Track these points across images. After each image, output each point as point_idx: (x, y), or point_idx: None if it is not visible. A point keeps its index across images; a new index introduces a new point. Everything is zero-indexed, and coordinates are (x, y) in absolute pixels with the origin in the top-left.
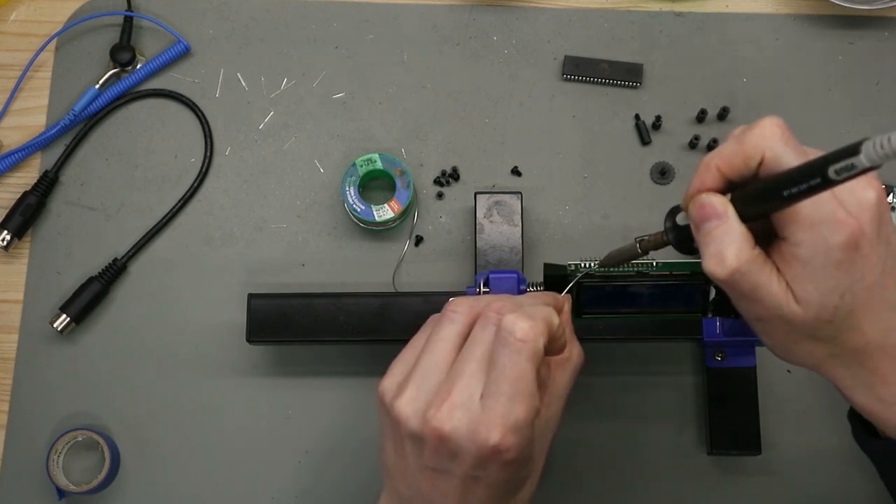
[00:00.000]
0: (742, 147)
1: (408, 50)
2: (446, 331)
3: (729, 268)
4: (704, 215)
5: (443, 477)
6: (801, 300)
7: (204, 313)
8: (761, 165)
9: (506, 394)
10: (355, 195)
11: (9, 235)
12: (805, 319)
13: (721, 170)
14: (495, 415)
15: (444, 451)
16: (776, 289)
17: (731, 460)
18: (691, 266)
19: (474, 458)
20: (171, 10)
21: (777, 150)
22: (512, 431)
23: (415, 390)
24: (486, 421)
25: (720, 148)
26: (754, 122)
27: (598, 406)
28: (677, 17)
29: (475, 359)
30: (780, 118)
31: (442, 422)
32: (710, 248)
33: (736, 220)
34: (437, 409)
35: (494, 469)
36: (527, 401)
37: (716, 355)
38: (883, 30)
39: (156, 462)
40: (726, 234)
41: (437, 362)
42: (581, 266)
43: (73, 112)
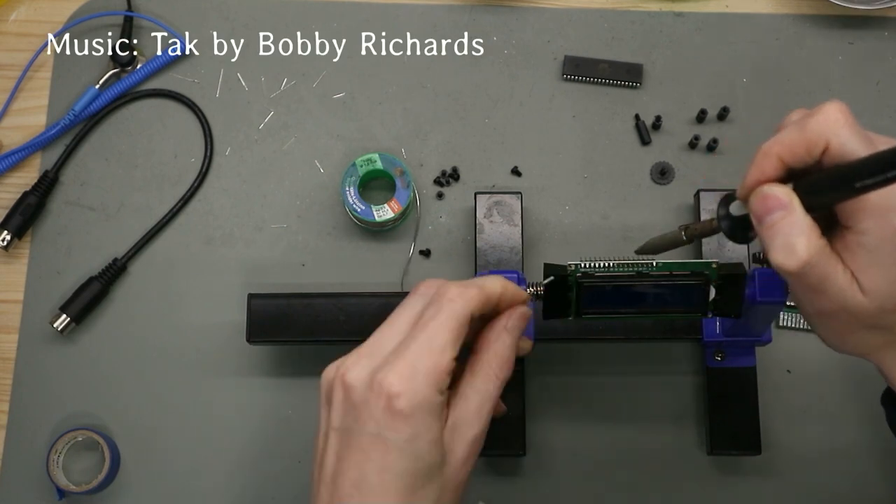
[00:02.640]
0: (804, 134)
1: (408, 50)
2: (401, 308)
3: (799, 260)
4: (768, 207)
5: (344, 438)
6: (866, 290)
7: (204, 313)
8: (825, 153)
9: (414, 345)
10: (355, 195)
11: (9, 235)
12: (868, 309)
13: (782, 158)
14: (397, 361)
15: (346, 403)
16: (842, 280)
17: (731, 460)
18: (691, 266)
19: (368, 407)
20: (171, 10)
21: (843, 138)
22: (408, 378)
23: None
24: (385, 365)
25: (780, 135)
26: (816, 107)
27: (598, 406)
28: (677, 17)
29: (398, 319)
30: (842, 104)
31: (347, 370)
32: (777, 241)
33: (802, 212)
34: (347, 364)
35: (386, 421)
36: (434, 354)
37: (716, 355)
38: (883, 30)
39: (156, 462)
40: (793, 226)
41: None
42: (581, 266)
43: (73, 112)
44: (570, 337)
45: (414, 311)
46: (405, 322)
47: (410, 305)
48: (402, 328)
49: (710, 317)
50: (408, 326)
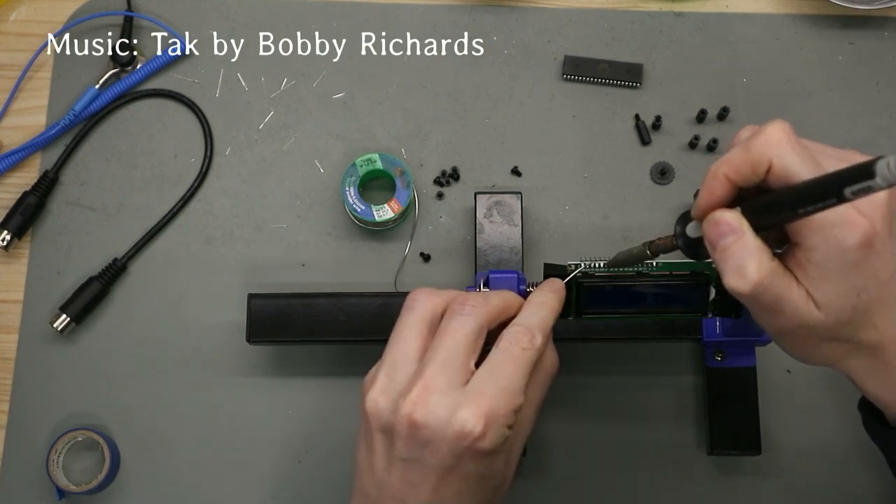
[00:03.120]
0: (749, 155)
1: (408, 50)
2: (408, 319)
3: (751, 282)
4: (720, 232)
5: (415, 469)
6: (820, 304)
7: (204, 313)
8: (769, 172)
9: (494, 385)
10: (355, 195)
11: (9, 235)
12: (825, 323)
13: (729, 178)
14: (477, 401)
15: (417, 440)
16: (797, 297)
17: (731, 460)
18: (691, 266)
19: (449, 446)
20: (171, 10)
21: (785, 158)
22: (491, 420)
23: (384, 380)
24: (465, 406)
25: (727, 156)
26: (760, 127)
27: (598, 406)
28: (677, 17)
29: (445, 347)
30: (785, 123)
31: (415, 408)
32: (730, 265)
33: (752, 235)
34: (408, 397)
35: (468, 460)
36: (513, 397)
37: (716, 355)
38: (883, 30)
39: (156, 462)
40: (744, 249)
41: (405, 351)
42: (581, 266)
43: (73, 112)
44: (570, 337)
45: (454, 337)
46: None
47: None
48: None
49: (710, 317)
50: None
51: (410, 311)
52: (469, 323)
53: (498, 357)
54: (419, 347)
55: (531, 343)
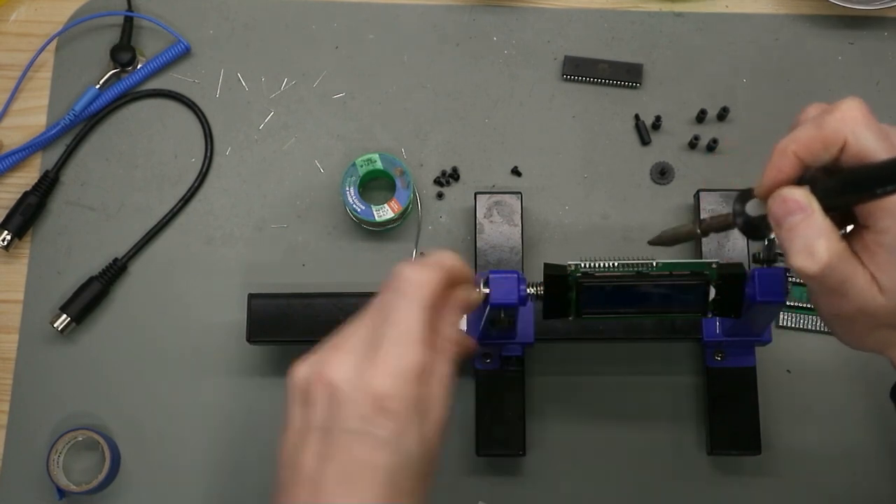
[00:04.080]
0: (821, 132)
1: (408, 50)
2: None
3: (820, 262)
4: (788, 210)
5: (326, 437)
6: (885, 289)
7: (204, 313)
8: (842, 151)
9: (390, 338)
10: (355, 195)
11: (9, 235)
12: (886, 308)
13: (799, 155)
14: (379, 360)
15: (330, 401)
16: (862, 281)
17: (731, 460)
18: (691, 266)
19: (357, 405)
20: (171, 10)
21: (860, 135)
22: (395, 376)
23: (311, 354)
24: (370, 366)
25: (797, 132)
26: (833, 104)
27: (598, 406)
28: (677, 17)
29: (368, 311)
30: (860, 100)
31: (331, 369)
32: (797, 244)
33: (821, 214)
34: (326, 361)
35: (377, 420)
36: (412, 346)
37: (716, 355)
38: (883, 30)
39: (156, 462)
40: (813, 228)
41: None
42: (581, 266)
43: (74, 112)
44: (570, 337)
45: (377, 301)
46: (369, 314)
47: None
48: (365, 320)
49: (710, 317)
50: (371, 318)
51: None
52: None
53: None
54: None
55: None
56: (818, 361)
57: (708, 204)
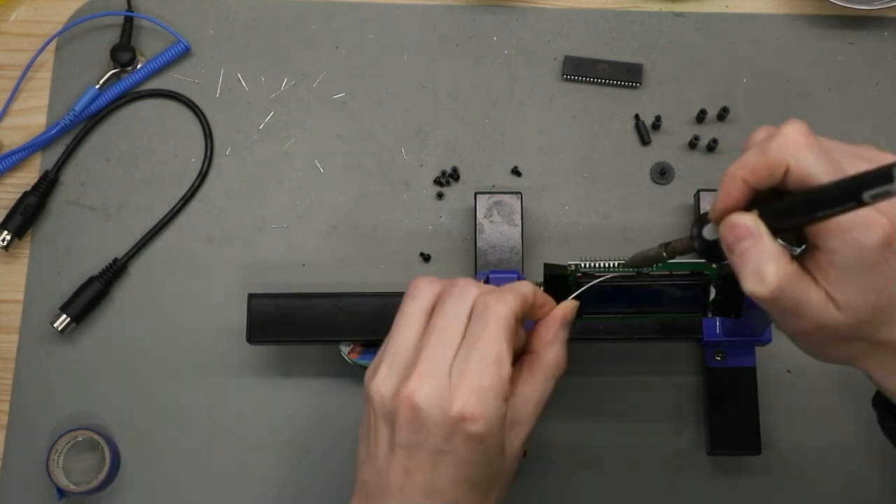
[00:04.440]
0: (766, 157)
1: (408, 50)
2: (410, 307)
3: (770, 286)
4: (737, 236)
5: (413, 455)
6: (841, 306)
7: (204, 313)
8: (787, 175)
9: (475, 361)
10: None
11: (9, 235)
12: (845, 323)
13: (746, 180)
14: (463, 382)
15: (414, 423)
16: (816, 299)
17: (731, 460)
18: (691, 266)
19: (441, 428)
20: (171, 10)
21: (802, 161)
22: (477, 399)
23: (386, 369)
24: (452, 387)
25: (744, 158)
26: (777, 128)
27: (598, 406)
28: (677, 17)
29: (439, 329)
30: (801, 124)
31: (412, 391)
32: (748, 269)
33: (769, 238)
34: (407, 381)
35: (460, 442)
36: (495, 370)
37: (716, 355)
38: (883, 30)
39: (156, 462)
40: (762, 253)
41: (405, 339)
42: (581, 266)
43: (74, 112)
44: (570, 337)
45: (457, 319)
46: (453, 332)
47: (451, 314)
48: (453, 339)
49: (710, 317)
50: (457, 336)
51: (413, 300)
52: (458, 304)
53: (473, 328)
54: (419, 335)
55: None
56: (818, 362)
57: (708, 204)
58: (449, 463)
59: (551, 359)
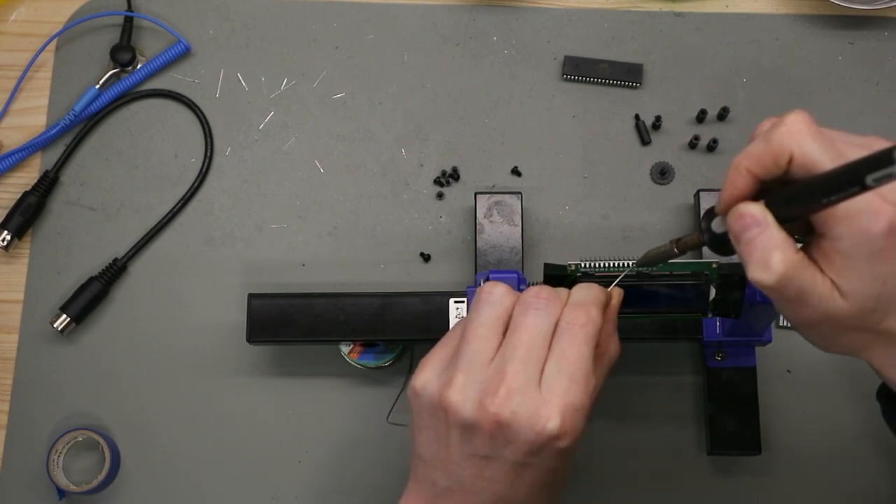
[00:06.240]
0: (770, 147)
1: (408, 50)
2: (486, 315)
3: (776, 273)
4: (744, 225)
5: (492, 464)
6: (846, 294)
7: (204, 313)
8: (791, 163)
9: (565, 379)
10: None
11: (9, 235)
12: (850, 312)
13: (751, 171)
14: (556, 399)
15: (499, 438)
16: (821, 288)
17: (731, 460)
18: (691, 266)
19: (530, 445)
20: (171, 10)
21: (805, 148)
22: (571, 416)
23: (464, 378)
24: (545, 405)
25: (748, 148)
26: (780, 118)
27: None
28: (677, 17)
29: (524, 343)
30: (804, 113)
31: (500, 408)
32: (754, 257)
33: (776, 226)
34: (493, 396)
35: (547, 455)
36: (585, 385)
37: (716, 355)
38: (883, 30)
39: (156, 462)
40: (768, 241)
41: (482, 348)
42: (581, 266)
43: (74, 112)
44: None
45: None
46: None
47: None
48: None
49: (710, 317)
50: (544, 350)
51: (490, 307)
52: (544, 317)
53: (561, 344)
54: (496, 345)
55: (588, 318)
56: (818, 361)
57: (708, 204)
58: (531, 472)
59: (613, 350)
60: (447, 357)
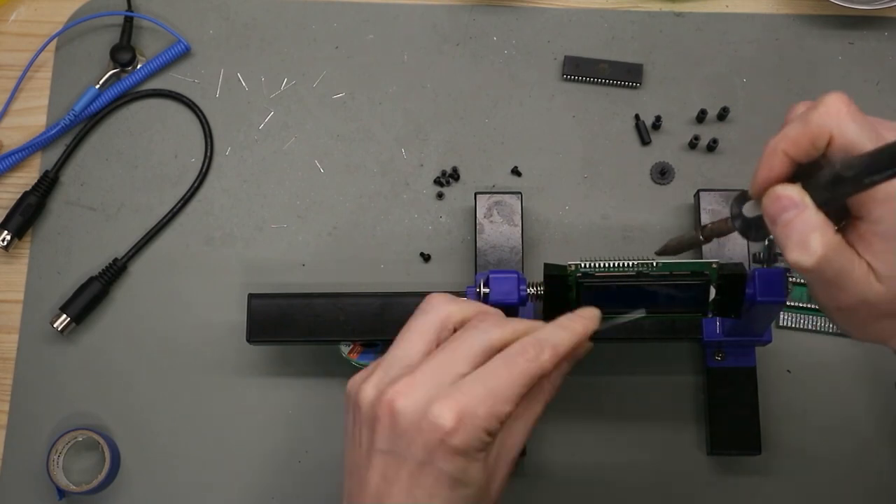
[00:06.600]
0: (808, 128)
1: (408, 50)
2: (419, 322)
3: (815, 255)
4: (781, 206)
5: (391, 462)
6: (882, 277)
7: (204, 313)
8: (830, 145)
9: (482, 387)
10: None
11: (9, 235)
12: (886, 296)
13: (788, 153)
14: (456, 396)
15: (394, 429)
16: (859, 272)
17: (731, 460)
18: (692, 266)
19: (422, 437)
20: (171, 10)
21: (845, 129)
22: (465, 417)
23: (380, 375)
24: (442, 399)
25: (785, 130)
26: (818, 100)
27: (598, 406)
28: (677, 17)
29: (448, 349)
30: (843, 94)
31: (396, 395)
32: (793, 239)
33: (814, 209)
34: (394, 386)
35: (441, 456)
36: (498, 402)
37: (716, 355)
38: (883, 30)
39: (156, 462)
40: (807, 223)
41: (407, 350)
42: (581, 266)
43: (74, 112)
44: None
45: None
46: (468, 357)
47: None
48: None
49: (711, 317)
50: (470, 361)
51: (424, 314)
52: (481, 338)
53: (496, 362)
54: (422, 350)
55: (536, 357)
56: (818, 361)
57: (708, 204)
58: (428, 475)
59: (554, 387)
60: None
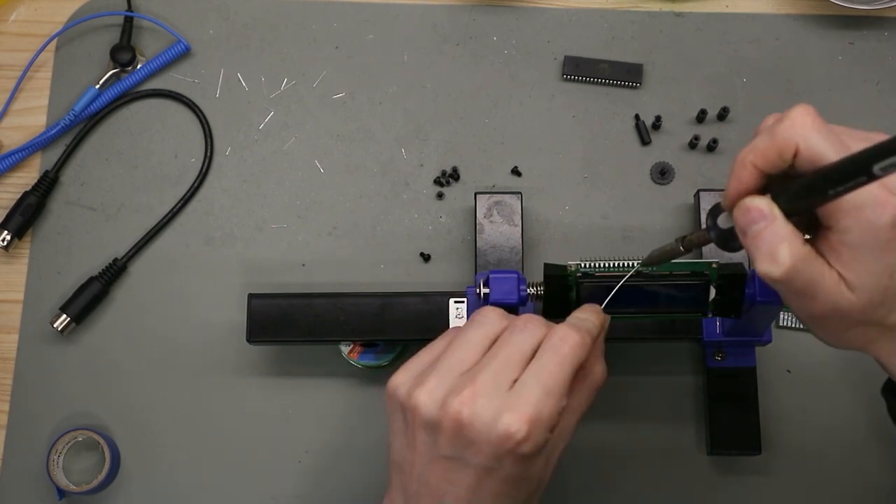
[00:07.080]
0: (775, 140)
1: (408, 50)
2: (473, 333)
3: (783, 266)
4: (751, 218)
5: (456, 466)
6: (853, 286)
7: (204, 313)
8: (796, 157)
9: (540, 388)
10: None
11: (9, 235)
12: (858, 305)
13: (757, 165)
14: (522, 405)
15: (461, 438)
16: (829, 281)
17: (731, 460)
18: (691, 266)
19: (492, 447)
20: (171, 10)
21: (810, 140)
22: (534, 424)
23: (436, 381)
24: (510, 409)
25: (754, 143)
26: (785, 112)
27: (597, 406)
28: (677, 17)
29: (501, 355)
30: (809, 106)
31: (462, 406)
32: (762, 250)
33: (783, 219)
34: (457, 396)
35: (509, 462)
36: (556, 400)
37: (716, 355)
38: (883, 30)
39: (156, 462)
40: (775, 234)
41: (463, 359)
42: (581, 266)
43: (74, 112)
44: None
45: (524, 348)
46: (518, 359)
47: (518, 341)
48: (517, 364)
49: (710, 317)
50: (521, 362)
51: (480, 326)
52: (528, 339)
53: (545, 357)
54: (477, 359)
55: (579, 340)
56: (818, 361)
57: (708, 204)
58: (495, 478)
59: (599, 372)
60: (426, 363)
